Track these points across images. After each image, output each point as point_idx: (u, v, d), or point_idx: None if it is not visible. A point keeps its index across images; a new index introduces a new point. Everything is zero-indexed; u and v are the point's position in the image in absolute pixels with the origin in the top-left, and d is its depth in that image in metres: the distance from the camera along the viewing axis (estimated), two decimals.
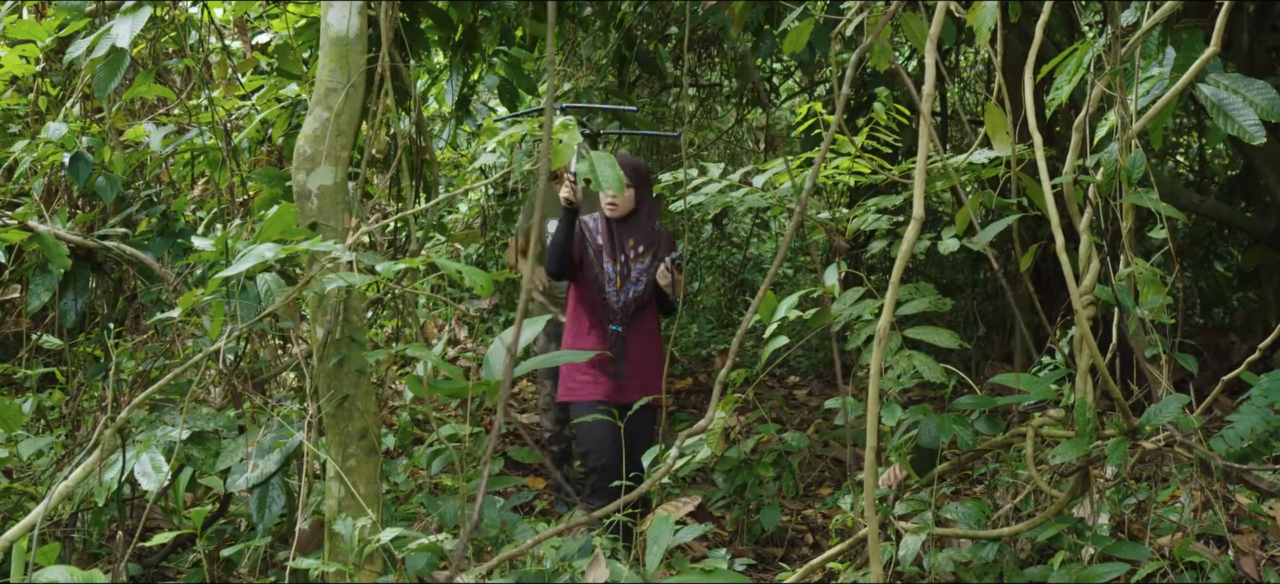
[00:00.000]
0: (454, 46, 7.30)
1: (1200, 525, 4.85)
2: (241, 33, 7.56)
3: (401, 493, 5.73)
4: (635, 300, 6.25)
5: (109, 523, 4.84)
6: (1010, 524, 4.93)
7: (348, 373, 4.25)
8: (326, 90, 4.26)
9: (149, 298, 5.22)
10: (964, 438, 4.84)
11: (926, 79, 3.70)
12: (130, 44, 4.63)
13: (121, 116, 6.25)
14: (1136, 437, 4.26)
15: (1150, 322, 4.49)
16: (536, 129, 4.41)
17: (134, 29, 4.62)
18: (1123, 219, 4.42)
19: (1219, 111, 4.26)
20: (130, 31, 4.61)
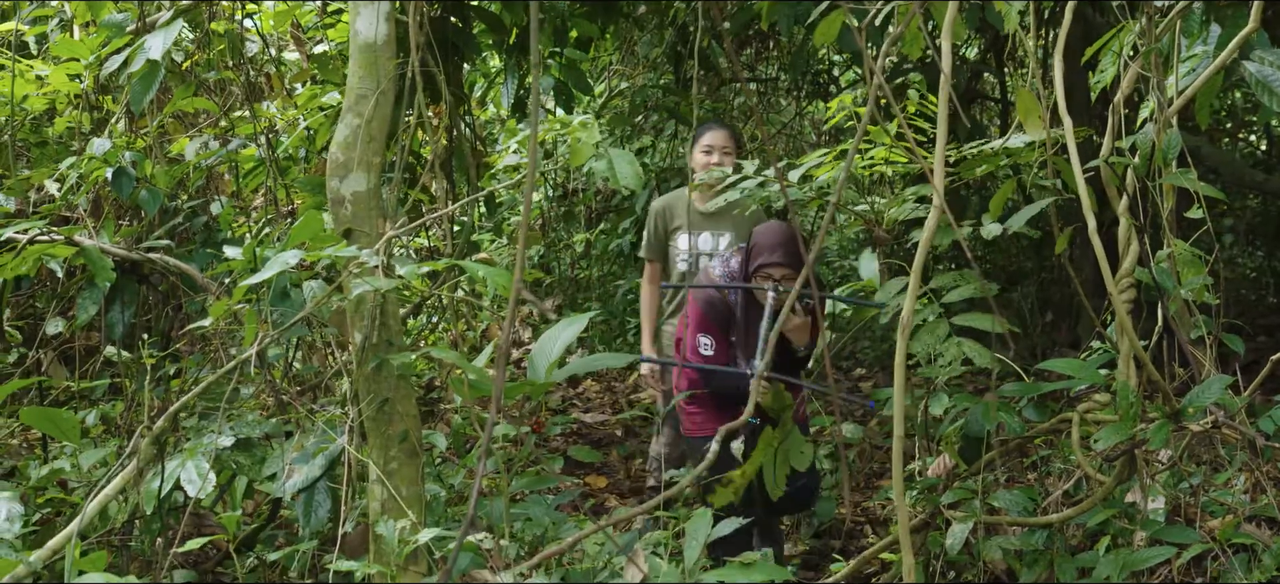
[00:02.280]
0: (508, 50, 7.35)
1: (1253, 507, 4.77)
2: (298, 44, 7.66)
3: (455, 495, 5.78)
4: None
5: (161, 531, 4.93)
6: (1060, 510, 4.88)
7: (386, 377, 4.29)
8: (357, 97, 4.31)
9: (193, 308, 5.32)
10: (1011, 425, 4.81)
11: (944, 66, 3.68)
12: (164, 56, 4.71)
13: (178, 127, 6.37)
14: (1180, 419, 4.21)
15: (1194, 303, 4.43)
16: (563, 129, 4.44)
17: (166, 42, 4.70)
18: (1162, 200, 4.36)
19: (1265, 88, 4.20)
20: (163, 45, 4.69)
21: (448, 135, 6.44)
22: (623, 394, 9.81)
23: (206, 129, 6.30)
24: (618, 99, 9.35)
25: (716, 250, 6.39)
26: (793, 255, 5.18)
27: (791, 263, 5.20)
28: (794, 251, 5.18)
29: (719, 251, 6.25)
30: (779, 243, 5.22)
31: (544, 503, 5.08)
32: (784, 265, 5.19)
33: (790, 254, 5.19)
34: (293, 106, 6.78)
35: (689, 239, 6.49)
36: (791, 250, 5.19)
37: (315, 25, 7.27)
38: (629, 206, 9.32)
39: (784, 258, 5.20)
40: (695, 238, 6.43)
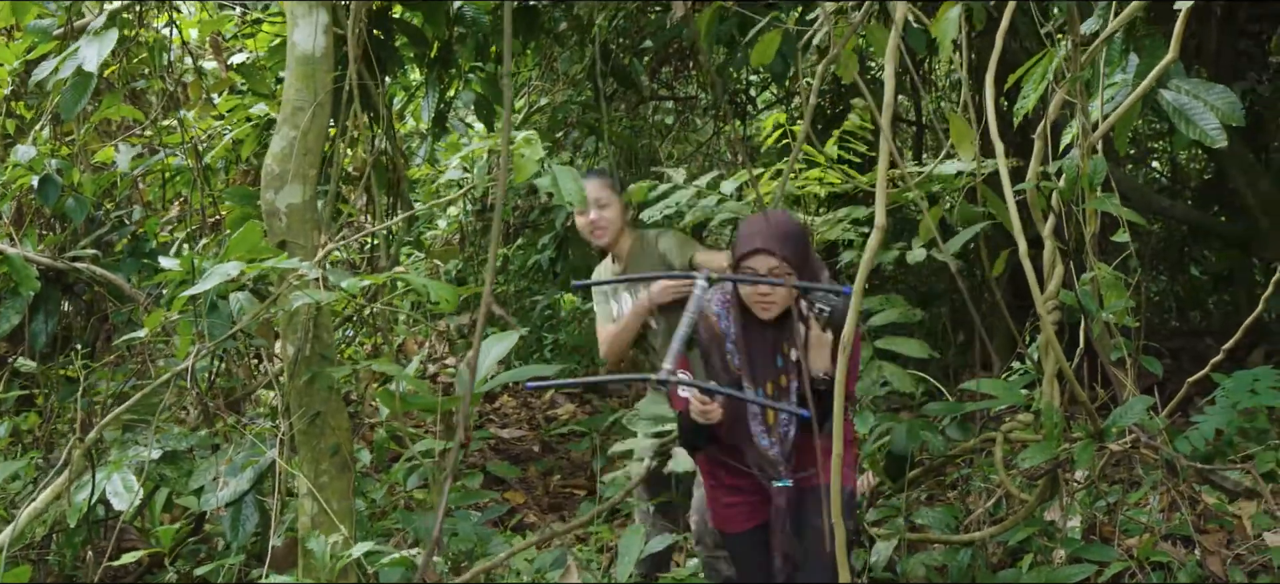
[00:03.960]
0: (429, 63, 7.33)
1: (1168, 526, 4.89)
2: (216, 53, 7.58)
3: (378, 509, 5.74)
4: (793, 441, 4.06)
5: (82, 545, 4.85)
6: (982, 528, 4.96)
7: (319, 390, 4.27)
8: (294, 109, 4.29)
9: (120, 319, 5.24)
10: (934, 444, 4.89)
11: (887, 90, 3.74)
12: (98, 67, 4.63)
13: (95, 137, 6.27)
14: (1103, 439, 4.31)
15: (1114, 326, 4.53)
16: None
17: (102, 52, 4.61)
18: (1085, 225, 4.46)
19: (1181, 116, 4.30)
20: (98, 55, 4.60)
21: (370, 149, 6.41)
22: (539, 410, 9.80)
23: (131, 138, 6.20)
24: (537, 115, 9.33)
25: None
26: (787, 244, 3.87)
27: (785, 252, 3.85)
28: (789, 242, 3.89)
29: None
30: (768, 230, 3.90)
31: (469, 518, 5.07)
32: (772, 254, 3.83)
33: (783, 242, 3.86)
34: (212, 116, 6.70)
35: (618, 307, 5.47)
36: (785, 239, 3.88)
37: (236, 34, 7.20)
38: (548, 222, 9.32)
39: (774, 245, 3.84)
40: (620, 307, 5.43)
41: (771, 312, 3.90)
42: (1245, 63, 8.79)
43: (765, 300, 3.89)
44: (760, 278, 3.85)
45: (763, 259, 3.86)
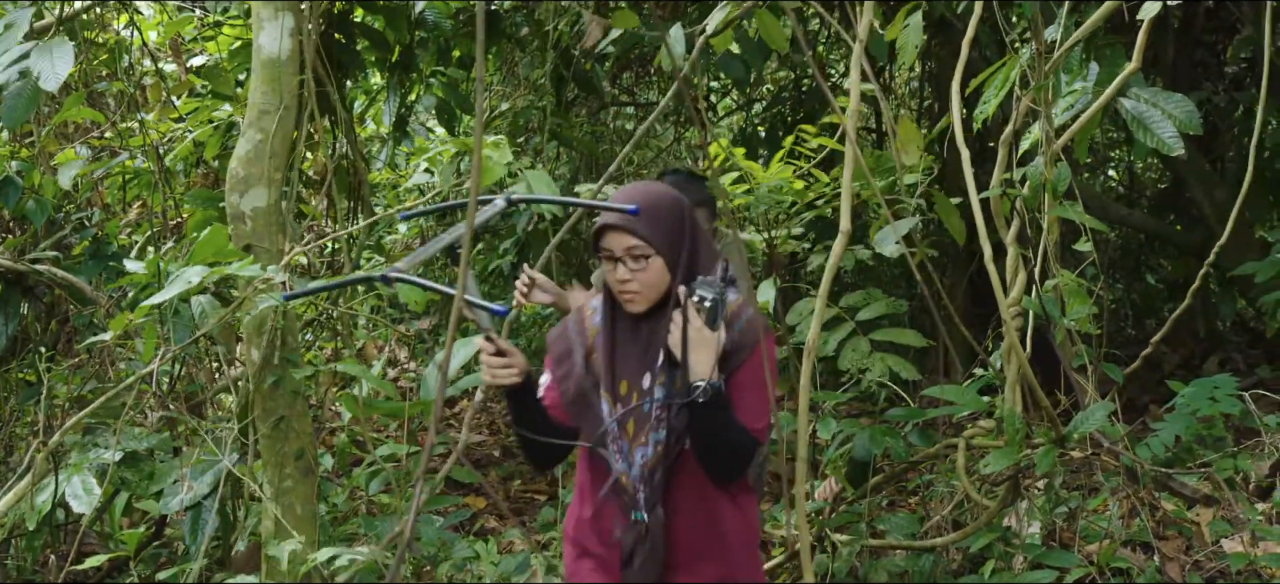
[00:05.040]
0: (391, 67, 7.31)
1: (1127, 532, 4.93)
2: (175, 55, 7.53)
3: (340, 514, 5.72)
4: (664, 458, 3.17)
5: (42, 548, 4.80)
6: (944, 534, 4.99)
7: (284, 394, 4.25)
8: (259, 112, 4.27)
9: (81, 321, 5.20)
10: (897, 450, 4.91)
11: (851, 95, 3.76)
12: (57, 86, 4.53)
13: (53, 140, 6.21)
14: (1064, 445, 4.34)
15: (1076, 332, 4.57)
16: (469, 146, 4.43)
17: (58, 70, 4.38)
18: (1047, 232, 4.49)
19: (1139, 124, 4.34)
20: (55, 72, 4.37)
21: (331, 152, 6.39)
22: (499, 415, 9.78)
23: (92, 140, 6.15)
24: (498, 120, 9.30)
25: None
26: (654, 222, 3.09)
27: (647, 231, 3.07)
28: (657, 219, 3.10)
29: None
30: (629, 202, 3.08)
31: (432, 523, 5.05)
32: (630, 233, 3.07)
33: (647, 219, 3.07)
34: (172, 117, 6.66)
35: None
36: (650, 215, 3.09)
37: (196, 37, 7.15)
38: (510, 226, 9.30)
39: (632, 220, 3.07)
40: None
41: (637, 303, 3.12)
42: (1201, 73, 8.89)
43: (628, 289, 3.11)
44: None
45: (618, 238, 3.08)
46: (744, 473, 3.20)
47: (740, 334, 3.13)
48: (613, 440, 3.19)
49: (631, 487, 3.15)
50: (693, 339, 3.01)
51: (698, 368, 3.01)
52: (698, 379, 3.00)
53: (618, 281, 3.12)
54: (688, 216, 3.17)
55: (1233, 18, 8.42)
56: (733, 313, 3.14)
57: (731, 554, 3.26)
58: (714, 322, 3.01)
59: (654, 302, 3.13)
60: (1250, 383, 6.73)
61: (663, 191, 3.20)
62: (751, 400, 3.11)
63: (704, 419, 3.04)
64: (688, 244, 3.14)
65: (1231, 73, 9.13)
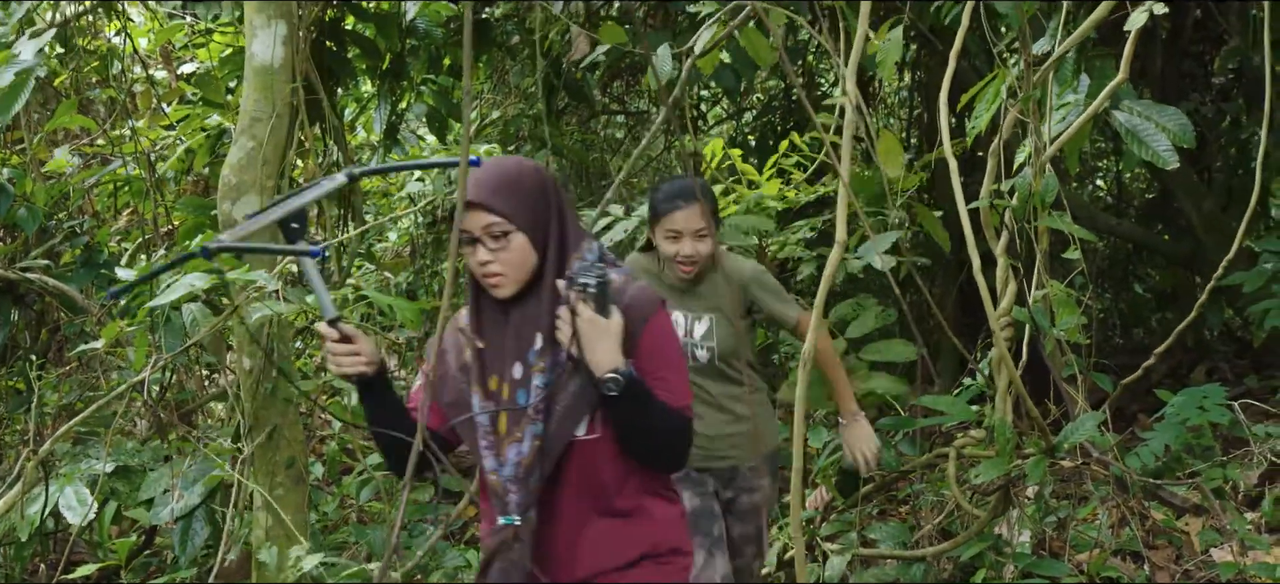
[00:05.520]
0: (382, 76, 7.32)
1: (1117, 541, 4.95)
2: (166, 62, 7.52)
3: (330, 522, 5.72)
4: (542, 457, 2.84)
5: (32, 557, 4.79)
6: (934, 543, 5.00)
7: (275, 403, 4.24)
8: (251, 120, 4.27)
9: (72, 330, 5.19)
10: (887, 459, 4.92)
11: (847, 107, 3.77)
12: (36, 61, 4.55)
13: (44, 147, 6.21)
14: (1054, 455, 4.35)
15: (1066, 342, 4.58)
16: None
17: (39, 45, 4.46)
18: (1038, 242, 4.51)
19: (1133, 138, 4.36)
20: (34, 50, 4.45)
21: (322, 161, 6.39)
22: None
23: (83, 147, 6.15)
24: (489, 128, 9.31)
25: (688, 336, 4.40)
26: (510, 196, 2.83)
27: (505, 206, 2.81)
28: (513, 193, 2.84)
29: (692, 338, 4.38)
30: (484, 176, 2.85)
31: (423, 531, 5.06)
32: (486, 209, 2.81)
33: (502, 193, 2.83)
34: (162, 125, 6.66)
35: None
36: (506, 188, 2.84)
37: (187, 44, 7.15)
38: None
39: (487, 195, 2.81)
40: None
41: (502, 286, 2.83)
42: (1189, 84, 8.92)
43: (490, 272, 2.81)
44: None
45: (474, 217, 2.80)
46: (686, 455, 2.95)
47: (629, 309, 2.83)
48: (483, 437, 2.87)
49: (502, 488, 2.82)
50: (587, 332, 2.75)
51: (601, 360, 2.74)
52: (606, 372, 2.73)
53: (479, 265, 2.82)
54: (552, 189, 2.89)
55: (1220, 28, 8.45)
56: (617, 290, 2.85)
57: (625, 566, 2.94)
58: (605, 306, 2.76)
59: (522, 283, 2.84)
60: (1238, 392, 6.76)
61: (521, 163, 2.94)
62: (667, 379, 2.86)
63: (624, 411, 2.79)
64: (555, 219, 2.87)
65: (1219, 83, 9.16)
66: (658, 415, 2.82)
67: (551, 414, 2.81)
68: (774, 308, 4.46)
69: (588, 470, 2.87)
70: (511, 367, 2.84)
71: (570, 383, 2.81)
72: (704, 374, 4.35)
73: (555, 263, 2.84)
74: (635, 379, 2.76)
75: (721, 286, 4.39)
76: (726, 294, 4.38)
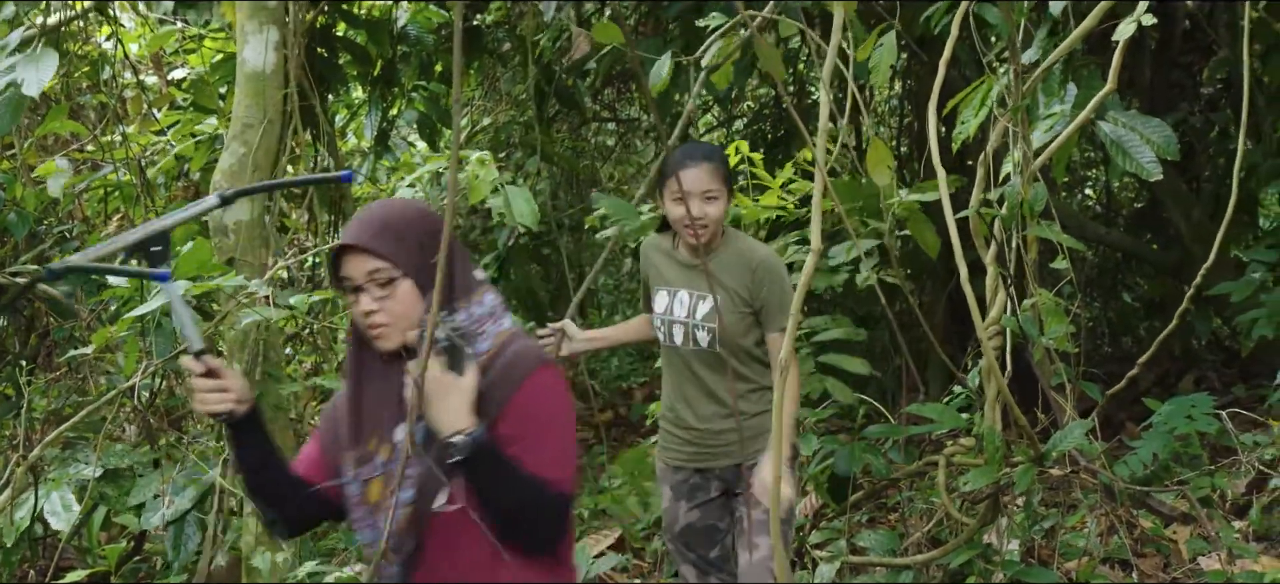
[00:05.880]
0: (373, 82, 7.33)
1: (1105, 550, 4.96)
2: (157, 68, 7.53)
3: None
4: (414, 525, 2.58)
5: (21, 563, 4.79)
6: (923, 551, 5.01)
7: (266, 408, 4.25)
8: (243, 126, 4.28)
9: (62, 335, 5.19)
10: (877, 466, 4.94)
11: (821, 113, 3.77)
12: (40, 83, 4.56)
13: (34, 152, 6.21)
14: (1043, 463, 4.37)
15: (1054, 351, 4.60)
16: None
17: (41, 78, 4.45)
18: (1027, 251, 4.52)
19: (1118, 148, 4.37)
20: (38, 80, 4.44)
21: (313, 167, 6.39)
22: None
23: (73, 153, 6.15)
24: (480, 134, 9.32)
25: (690, 317, 4.25)
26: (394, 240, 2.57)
27: (387, 249, 2.56)
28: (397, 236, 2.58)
29: (694, 319, 4.22)
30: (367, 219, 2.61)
31: None
32: (369, 253, 2.55)
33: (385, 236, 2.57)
34: (153, 130, 6.66)
35: (666, 298, 4.34)
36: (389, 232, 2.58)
37: (177, 50, 7.16)
38: (490, 241, 9.31)
39: (368, 238, 2.56)
40: (672, 297, 4.32)
41: (387, 338, 2.57)
42: (1177, 94, 8.95)
43: (375, 323, 2.56)
44: None
45: (357, 262, 2.55)
46: (555, 536, 2.58)
47: (505, 369, 2.56)
48: (356, 507, 2.62)
49: (377, 563, 2.58)
50: (432, 389, 2.47)
51: (446, 420, 2.47)
52: (450, 433, 2.46)
53: (363, 315, 2.57)
54: (439, 235, 2.52)
55: (1209, 39, 8.48)
56: (499, 346, 2.60)
57: None
58: (459, 362, 2.50)
59: (406, 334, 2.57)
60: (1226, 401, 6.78)
61: (409, 205, 2.70)
62: (541, 446, 2.54)
63: (475, 479, 2.48)
64: (449, 266, 2.52)
65: (1207, 94, 9.19)
66: (516, 486, 2.50)
67: (425, 476, 2.52)
68: (769, 302, 4.18)
69: (450, 548, 2.56)
70: (394, 428, 2.58)
71: (433, 446, 2.51)
72: (701, 360, 4.22)
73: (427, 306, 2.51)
74: (485, 444, 2.46)
75: (731, 265, 4.17)
76: (734, 273, 4.16)
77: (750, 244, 4.31)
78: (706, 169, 4.08)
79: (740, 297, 4.17)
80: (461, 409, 2.48)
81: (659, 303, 4.32)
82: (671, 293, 4.29)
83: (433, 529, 2.54)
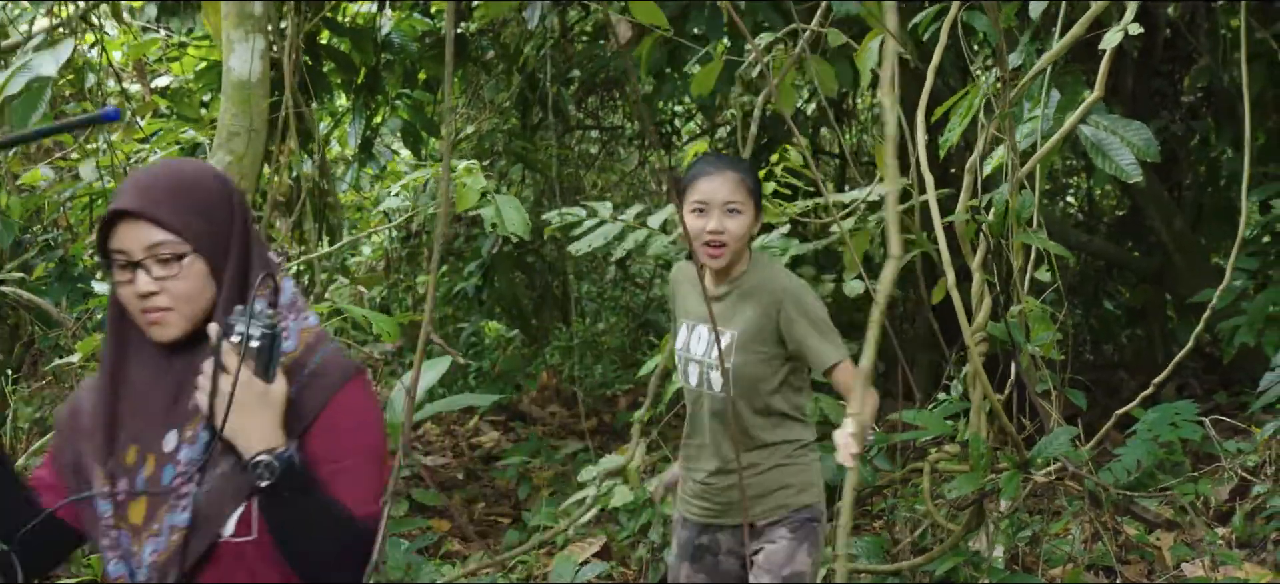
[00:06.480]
0: (356, 89, 7.33)
1: (1090, 556, 4.98)
2: (140, 76, 7.51)
3: None
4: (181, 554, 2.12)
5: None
6: (909, 558, 5.02)
7: None
8: (229, 134, 4.27)
9: (47, 343, 5.17)
10: (863, 474, 4.94)
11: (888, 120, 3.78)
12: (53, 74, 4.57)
13: (18, 160, 6.19)
14: (1029, 470, 4.38)
15: (1040, 358, 4.61)
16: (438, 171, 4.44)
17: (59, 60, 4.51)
18: (1013, 258, 4.54)
19: (1099, 151, 4.39)
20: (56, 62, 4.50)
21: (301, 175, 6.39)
22: (463, 437, 9.77)
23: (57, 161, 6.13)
24: (464, 142, 9.33)
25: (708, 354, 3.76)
26: (176, 205, 2.13)
27: (167, 216, 2.11)
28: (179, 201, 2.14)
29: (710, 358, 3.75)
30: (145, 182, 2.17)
31: (398, 546, 5.05)
32: (146, 219, 2.10)
33: (165, 201, 2.13)
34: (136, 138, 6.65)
35: (685, 333, 3.89)
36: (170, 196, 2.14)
37: (160, 57, 7.15)
38: (474, 249, 9.31)
39: (147, 204, 2.11)
40: (691, 332, 3.85)
41: (168, 325, 2.13)
42: (1159, 102, 8.99)
43: (154, 306, 2.11)
44: None
45: (135, 232, 2.10)
46: (359, 572, 2.17)
47: (313, 377, 2.19)
48: (106, 532, 2.15)
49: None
50: (238, 398, 2.04)
51: (253, 437, 2.06)
52: (257, 452, 2.05)
53: (138, 298, 2.12)
54: (238, 204, 2.21)
55: (1190, 48, 8.54)
56: (305, 347, 2.22)
57: None
58: (268, 368, 2.08)
59: (193, 323, 2.14)
60: (1208, 408, 6.81)
61: (201, 169, 2.28)
62: (352, 471, 2.18)
63: (277, 509, 2.10)
64: (237, 243, 2.19)
65: (1188, 101, 9.24)
66: (322, 517, 2.13)
67: (198, 501, 2.10)
68: (807, 341, 3.62)
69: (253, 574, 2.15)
70: (164, 435, 2.14)
71: (222, 462, 2.11)
72: (714, 406, 3.72)
73: (232, 298, 2.14)
74: (297, 467, 2.09)
75: (754, 295, 3.68)
76: (757, 305, 3.66)
77: (776, 271, 3.82)
78: (731, 179, 3.63)
79: (763, 333, 3.66)
80: (271, 424, 2.08)
81: (679, 337, 3.87)
82: (691, 327, 3.83)
83: (211, 561, 2.12)
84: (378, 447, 2.23)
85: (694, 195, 3.62)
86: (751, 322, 3.63)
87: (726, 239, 3.58)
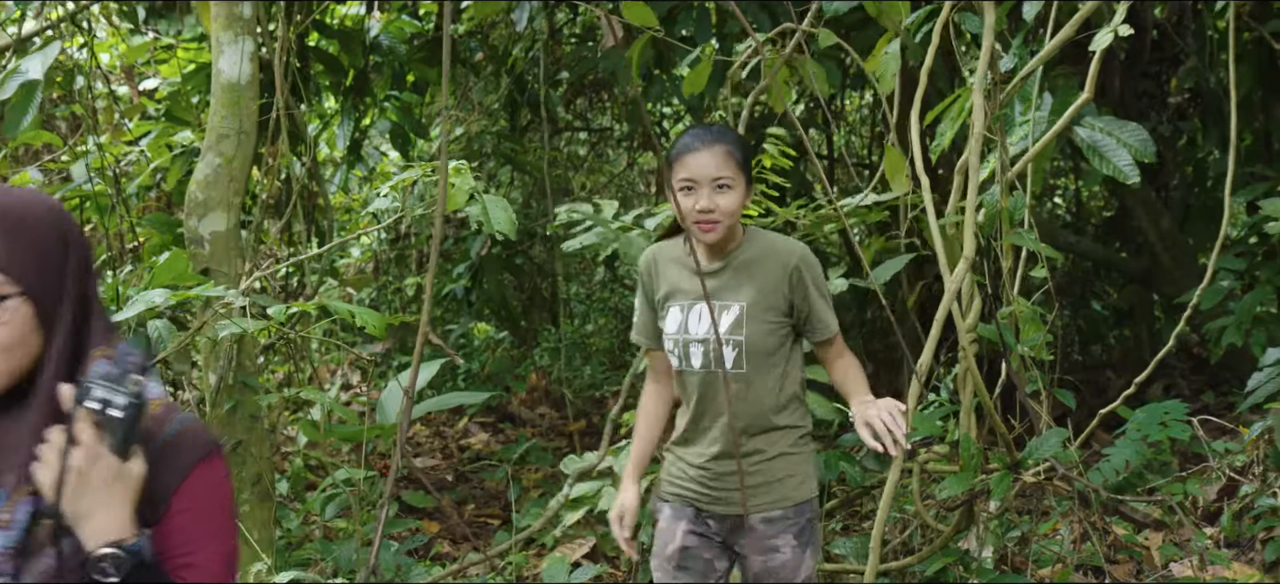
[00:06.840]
0: (345, 91, 7.32)
1: (1079, 556, 4.99)
2: (129, 78, 7.49)
3: (294, 539, 5.70)
4: None
5: None
6: (898, 559, 5.03)
7: (241, 418, 4.24)
8: (218, 136, 4.27)
9: None
10: (852, 475, 4.94)
11: (976, 119, 3.79)
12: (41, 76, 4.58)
13: (6, 163, 6.17)
14: (1019, 470, 4.39)
15: (1030, 358, 4.62)
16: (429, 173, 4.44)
17: (47, 61, 4.54)
18: (1004, 259, 4.55)
19: (1095, 153, 4.41)
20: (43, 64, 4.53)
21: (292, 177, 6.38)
22: (453, 439, 9.76)
23: (46, 164, 6.12)
24: (452, 144, 9.34)
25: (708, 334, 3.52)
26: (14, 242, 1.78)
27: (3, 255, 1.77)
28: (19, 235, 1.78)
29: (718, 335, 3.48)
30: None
31: (389, 548, 5.05)
32: None
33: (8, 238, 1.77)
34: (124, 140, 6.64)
35: (680, 315, 3.61)
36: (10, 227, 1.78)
37: (149, 60, 7.13)
38: (463, 250, 9.32)
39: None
40: (686, 312, 3.58)
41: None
42: (1146, 103, 9.02)
43: None
44: None
45: None
46: None
47: (166, 450, 1.85)
48: None
49: None
50: (89, 478, 1.71)
51: (101, 526, 1.72)
52: (103, 544, 1.71)
53: None
54: (74, 242, 1.87)
55: (1177, 50, 8.56)
56: (156, 419, 1.86)
57: None
58: (125, 443, 1.74)
59: (12, 377, 1.80)
60: (1196, 409, 6.83)
61: (33, 198, 1.87)
62: (203, 569, 1.85)
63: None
64: (73, 287, 1.85)
65: (1176, 103, 9.27)
66: None
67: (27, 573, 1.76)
68: (820, 308, 3.55)
69: None
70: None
71: (48, 548, 1.75)
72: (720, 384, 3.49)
73: (66, 352, 1.82)
74: (148, 563, 1.75)
75: (760, 265, 3.52)
76: (765, 274, 3.50)
77: (777, 237, 3.65)
78: (718, 152, 3.42)
79: (773, 304, 3.51)
80: (123, 511, 1.74)
81: (671, 321, 3.59)
82: (685, 307, 3.58)
83: None
84: (233, 528, 1.93)
85: (681, 171, 3.43)
86: (761, 290, 3.49)
87: (718, 216, 3.41)
